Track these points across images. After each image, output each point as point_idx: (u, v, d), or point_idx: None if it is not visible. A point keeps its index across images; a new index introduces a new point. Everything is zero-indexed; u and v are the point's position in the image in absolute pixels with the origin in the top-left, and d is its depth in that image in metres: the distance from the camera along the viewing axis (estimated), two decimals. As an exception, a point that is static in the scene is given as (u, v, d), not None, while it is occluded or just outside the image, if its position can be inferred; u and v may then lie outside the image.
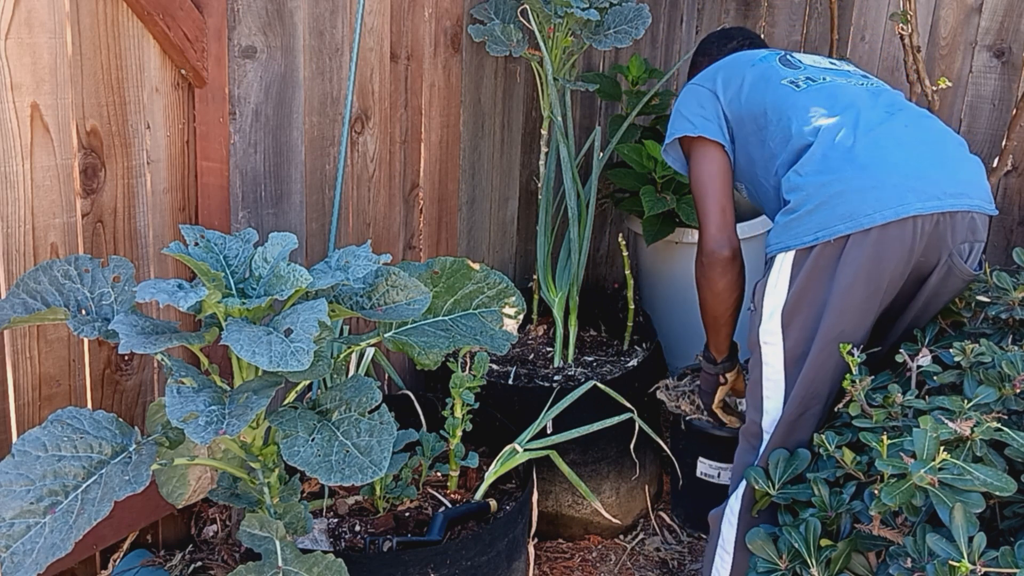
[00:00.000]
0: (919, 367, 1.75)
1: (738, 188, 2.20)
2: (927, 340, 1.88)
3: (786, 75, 2.07)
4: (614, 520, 2.42)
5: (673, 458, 2.49)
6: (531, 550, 2.22)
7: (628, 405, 2.24)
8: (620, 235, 2.86)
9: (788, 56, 2.16)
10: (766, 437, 1.93)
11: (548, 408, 2.19)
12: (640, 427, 2.29)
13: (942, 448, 1.42)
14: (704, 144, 2.11)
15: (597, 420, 2.20)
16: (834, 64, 2.18)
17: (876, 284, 1.80)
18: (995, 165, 2.96)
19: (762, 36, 3.95)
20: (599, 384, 2.27)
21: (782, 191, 1.92)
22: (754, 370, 1.94)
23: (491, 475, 2.05)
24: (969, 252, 1.87)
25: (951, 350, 1.73)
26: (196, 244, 1.48)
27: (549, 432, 2.21)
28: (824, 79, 2.05)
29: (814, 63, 2.15)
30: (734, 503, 1.94)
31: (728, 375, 2.30)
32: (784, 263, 1.85)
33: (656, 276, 3.37)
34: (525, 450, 2.06)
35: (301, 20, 2.10)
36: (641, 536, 2.60)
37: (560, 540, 2.54)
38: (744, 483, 1.92)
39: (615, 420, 2.20)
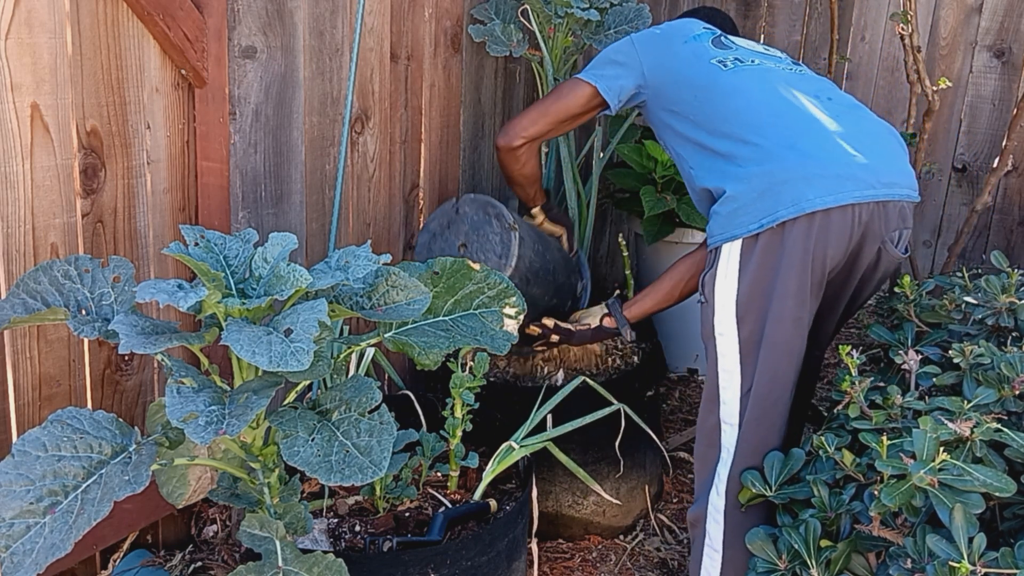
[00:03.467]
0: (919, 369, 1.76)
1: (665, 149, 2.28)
2: (909, 341, 1.91)
3: (715, 55, 2.13)
4: (614, 500, 2.46)
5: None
6: (535, 549, 2.23)
7: (613, 400, 2.27)
8: (620, 235, 2.86)
9: (722, 38, 2.22)
10: (727, 428, 1.92)
11: (539, 406, 2.20)
12: (633, 422, 2.30)
13: (942, 449, 1.42)
14: (587, 87, 2.23)
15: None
16: (766, 49, 2.24)
17: (820, 269, 1.85)
18: (995, 165, 2.96)
19: (762, 37, 3.96)
20: (588, 380, 2.29)
21: (724, 181, 1.93)
22: (709, 363, 1.95)
23: (489, 474, 2.05)
24: (899, 238, 1.97)
25: (950, 351, 1.73)
26: (196, 244, 1.48)
27: (550, 427, 2.22)
28: (753, 61, 2.11)
29: (746, 45, 2.22)
30: (716, 500, 1.94)
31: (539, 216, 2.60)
32: (732, 252, 1.87)
33: (656, 276, 3.37)
34: (521, 446, 2.07)
35: (301, 20, 2.10)
36: (641, 536, 2.60)
37: (560, 540, 2.54)
38: (725, 479, 1.91)
39: (604, 412, 2.23)
